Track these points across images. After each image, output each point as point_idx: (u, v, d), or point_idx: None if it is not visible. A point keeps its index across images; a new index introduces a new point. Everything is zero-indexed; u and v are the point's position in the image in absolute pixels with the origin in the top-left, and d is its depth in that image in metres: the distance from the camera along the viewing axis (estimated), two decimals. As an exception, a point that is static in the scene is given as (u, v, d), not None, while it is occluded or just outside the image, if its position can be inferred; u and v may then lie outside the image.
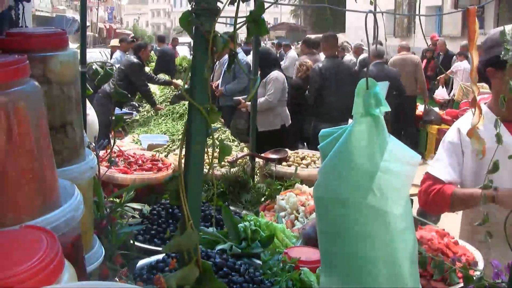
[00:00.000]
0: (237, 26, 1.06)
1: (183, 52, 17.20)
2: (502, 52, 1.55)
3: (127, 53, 8.63)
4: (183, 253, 1.06)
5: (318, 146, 1.39)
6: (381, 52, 8.14)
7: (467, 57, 10.21)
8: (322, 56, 8.87)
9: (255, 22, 1.05)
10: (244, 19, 1.06)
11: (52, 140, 1.31)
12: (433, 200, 2.53)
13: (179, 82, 8.73)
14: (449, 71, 11.22)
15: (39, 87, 1.23)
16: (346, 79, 6.06)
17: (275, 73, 5.97)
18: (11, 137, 1.12)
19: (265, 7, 1.09)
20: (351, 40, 15.04)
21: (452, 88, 11.27)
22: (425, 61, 12.56)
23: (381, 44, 9.24)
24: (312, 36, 13.11)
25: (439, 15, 17.58)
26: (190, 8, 1.06)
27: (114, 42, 8.20)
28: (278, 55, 9.63)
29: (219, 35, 1.04)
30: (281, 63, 9.24)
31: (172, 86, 8.18)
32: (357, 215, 1.27)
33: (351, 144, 1.28)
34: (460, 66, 11.11)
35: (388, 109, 1.29)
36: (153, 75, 8.28)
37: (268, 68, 5.91)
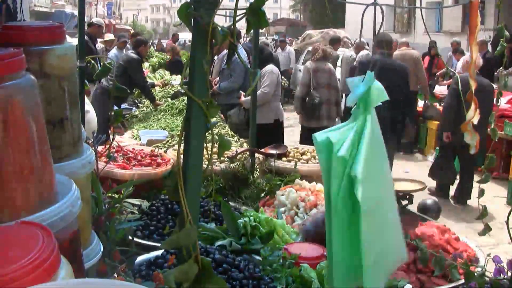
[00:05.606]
0: (237, 18, 1.04)
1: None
2: None
3: (124, 50, 8.55)
4: (182, 249, 1.04)
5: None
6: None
7: (463, 53, 10.13)
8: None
9: (255, 14, 1.03)
10: (244, 11, 1.04)
11: (49, 135, 1.29)
12: None
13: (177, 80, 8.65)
14: (457, 71, 11.17)
15: (35, 81, 1.22)
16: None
17: (270, 67, 6.20)
18: (7, 131, 1.11)
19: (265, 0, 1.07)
20: (351, 35, 15.00)
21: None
22: (428, 58, 12.47)
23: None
24: (312, 32, 13.11)
25: (439, 9, 17.54)
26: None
27: (108, 36, 7.97)
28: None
29: (218, 27, 1.02)
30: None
31: (166, 86, 8.05)
32: None
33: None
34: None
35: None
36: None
37: (262, 63, 6.05)
